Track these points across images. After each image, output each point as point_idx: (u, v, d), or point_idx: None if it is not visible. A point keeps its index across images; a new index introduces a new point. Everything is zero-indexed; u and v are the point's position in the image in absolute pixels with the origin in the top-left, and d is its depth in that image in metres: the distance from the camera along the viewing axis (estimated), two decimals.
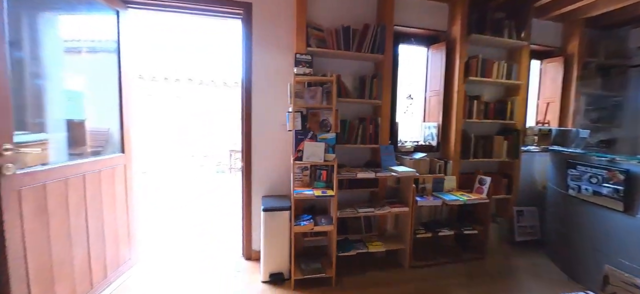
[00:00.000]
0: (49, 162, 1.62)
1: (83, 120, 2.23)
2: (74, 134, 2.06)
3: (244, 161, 2.36)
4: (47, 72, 2.00)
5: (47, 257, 1.50)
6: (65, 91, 2.19)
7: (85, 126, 2.22)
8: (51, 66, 2.04)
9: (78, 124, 2.24)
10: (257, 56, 2.27)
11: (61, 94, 2.13)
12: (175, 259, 2.48)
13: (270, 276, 2.14)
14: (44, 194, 1.46)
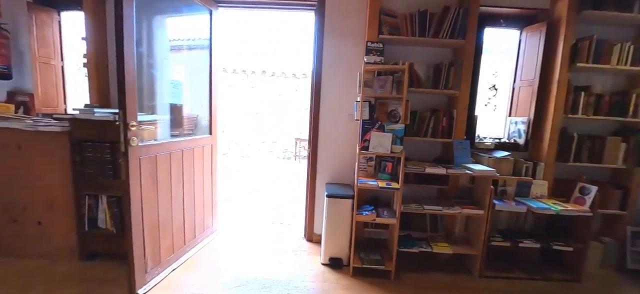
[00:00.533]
0: (157, 138, 1.99)
1: (181, 105, 2.66)
2: (175, 117, 2.46)
3: (311, 148, 2.46)
4: (157, 65, 2.42)
5: (155, 215, 1.86)
6: (171, 80, 2.63)
7: (182, 111, 2.63)
8: (160, 60, 2.46)
9: (178, 108, 2.66)
10: (327, 46, 2.31)
11: (167, 84, 2.57)
12: (246, 231, 2.78)
13: (330, 260, 2.22)
14: (155, 164, 1.80)
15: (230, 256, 2.31)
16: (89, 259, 2.13)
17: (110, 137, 1.89)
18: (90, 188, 2.00)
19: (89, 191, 2.01)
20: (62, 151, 1.93)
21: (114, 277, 1.95)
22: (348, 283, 2.03)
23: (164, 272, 1.99)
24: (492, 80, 2.66)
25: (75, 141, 1.93)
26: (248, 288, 1.92)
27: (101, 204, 2.03)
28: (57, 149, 1.94)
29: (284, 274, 2.09)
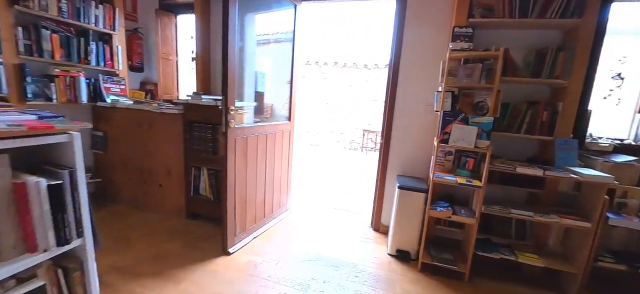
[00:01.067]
0: (245, 122, 2.27)
1: (263, 94, 2.96)
2: (258, 105, 2.76)
3: (384, 138, 2.45)
4: (247, 58, 2.74)
5: (244, 188, 2.15)
6: (256, 72, 2.96)
7: (264, 100, 2.93)
8: (250, 54, 2.78)
9: (260, 97, 2.97)
10: (408, 34, 2.23)
11: (253, 75, 2.89)
12: (315, 213, 2.96)
13: (397, 251, 2.21)
14: (246, 144, 2.08)
15: (301, 233, 2.51)
16: (192, 218, 2.60)
17: (212, 119, 2.25)
18: (195, 161, 2.43)
19: (194, 163, 2.44)
20: (177, 130, 2.39)
21: (210, 235, 2.35)
22: (416, 277, 1.99)
23: (247, 238, 2.29)
24: (617, 67, 2.16)
25: (187, 122, 2.36)
26: (318, 263, 2.07)
27: (202, 175, 2.45)
28: (175, 127, 2.40)
29: (351, 258, 2.18)
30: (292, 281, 1.87)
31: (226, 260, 2.05)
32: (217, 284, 1.80)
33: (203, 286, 1.76)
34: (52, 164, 0.78)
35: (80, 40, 2.48)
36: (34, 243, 0.74)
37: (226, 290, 1.75)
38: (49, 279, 0.80)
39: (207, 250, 2.14)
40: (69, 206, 0.78)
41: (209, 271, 1.92)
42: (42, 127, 0.70)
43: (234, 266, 1.98)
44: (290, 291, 1.78)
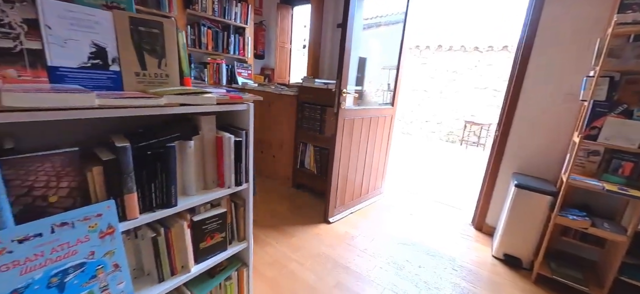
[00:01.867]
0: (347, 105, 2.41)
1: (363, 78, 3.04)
2: (360, 89, 2.86)
3: (500, 129, 2.20)
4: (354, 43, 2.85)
5: (346, 166, 2.33)
6: (359, 56, 3.05)
7: (363, 84, 3.01)
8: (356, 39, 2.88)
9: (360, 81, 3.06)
10: (550, 7, 1.88)
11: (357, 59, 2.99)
12: (408, 201, 2.92)
13: (505, 256, 2.00)
14: (351, 126, 2.23)
15: (394, 217, 2.55)
16: (297, 188, 2.98)
17: (321, 101, 2.49)
18: (303, 138, 2.75)
19: (302, 139, 2.77)
20: (291, 109, 2.75)
21: (311, 204, 2.66)
22: (529, 288, 1.78)
23: (345, 212, 2.49)
24: None
25: (299, 103, 2.68)
26: (412, 248, 2.09)
27: (308, 151, 2.76)
28: (289, 107, 2.77)
29: (448, 251, 2.10)
30: (387, 258, 1.97)
31: (326, 227, 2.30)
32: (320, 245, 2.05)
33: (309, 244, 2.05)
34: (233, 127, 1.08)
35: (224, 34, 3.10)
36: (223, 181, 1.06)
37: (328, 252, 1.98)
38: (228, 208, 1.12)
39: (310, 216, 2.45)
40: (243, 158, 1.07)
41: (312, 233, 2.20)
42: (236, 98, 0.98)
43: (333, 234, 2.21)
44: (386, 266, 1.88)
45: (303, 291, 1.63)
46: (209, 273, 1.23)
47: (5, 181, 0.61)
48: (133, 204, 0.81)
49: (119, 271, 0.78)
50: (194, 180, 0.98)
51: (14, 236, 0.61)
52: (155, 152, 0.82)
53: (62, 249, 0.67)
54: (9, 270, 0.61)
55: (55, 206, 0.69)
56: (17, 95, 0.52)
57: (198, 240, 1.04)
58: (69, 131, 0.82)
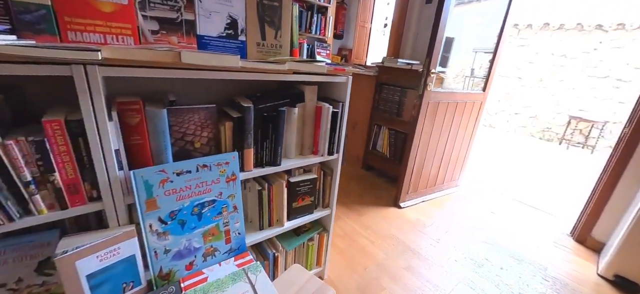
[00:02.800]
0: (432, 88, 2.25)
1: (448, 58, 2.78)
2: (444, 71, 2.63)
3: (630, 128, 1.78)
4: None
5: (424, 152, 2.23)
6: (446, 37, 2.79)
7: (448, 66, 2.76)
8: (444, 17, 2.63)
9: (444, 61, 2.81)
10: None
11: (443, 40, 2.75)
12: (490, 198, 2.64)
13: (616, 277, 1.68)
14: (435, 110, 2.10)
15: (471, 212, 2.35)
16: (367, 169, 2.99)
17: (401, 82, 2.40)
18: (378, 119, 2.71)
19: (377, 121, 2.73)
20: (369, 90, 2.72)
21: (381, 187, 2.64)
22: None
23: (417, 199, 2.41)
24: None
25: (378, 83, 2.63)
26: (493, 247, 1.92)
27: (382, 133, 2.71)
28: (367, 87, 2.74)
29: (538, 258, 1.86)
30: (463, 252, 1.85)
31: (397, 211, 2.27)
32: (389, 227, 2.04)
33: (379, 225, 2.06)
34: (329, 99, 1.14)
35: (308, 13, 3.20)
36: (317, 149, 1.14)
37: (399, 235, 1.97)
38: (317, 175, 1.21)
39: (380, 198, 2.44)
40: (337, 129, 1.12)
41: (382, 215, 2.20)
42: (340, 70, 1.02)
43: (404, 219, 2.17)
44: (462, 260, 1.78)
45: (373, 265, 1.67)
46: (296, 231, 1.36)
47: (169, 126, 0.78)
48: (249, 158, 0.94)
49: (237, 213, 0.93)
50: (293, 145, 1.08)
51: (174, 169, 0.77)
52: (270, 114, 0.93)
53: (202, 186, 0.83)
54: (170, 195, 0.78)
55: (198, 151, 0.86)
56: (192, 54, 0.65)
57: (291, 200, 1.16)
58: (208, 92, 0.98)
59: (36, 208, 0.64)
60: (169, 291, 0.77)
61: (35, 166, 0.62)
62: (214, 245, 0.90)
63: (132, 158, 0.74)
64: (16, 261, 0.69)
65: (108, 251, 0.71)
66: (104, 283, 0.72)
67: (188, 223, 0.83)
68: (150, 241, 0.77)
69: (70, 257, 0.66)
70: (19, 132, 0.61)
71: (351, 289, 1.50)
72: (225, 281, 0.81)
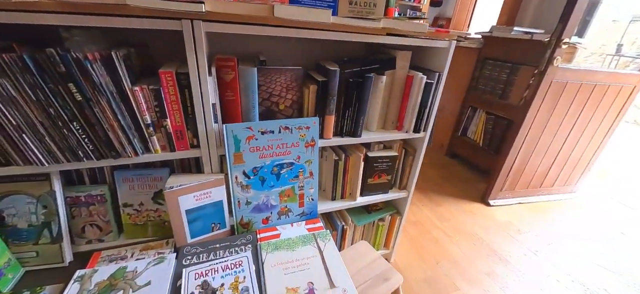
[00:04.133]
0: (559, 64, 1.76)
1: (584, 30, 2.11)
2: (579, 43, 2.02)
3: None
4: None
5: (531, 146, 1.82)
6: None
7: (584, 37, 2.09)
8: None
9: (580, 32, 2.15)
10: None
11: None
12: (619, 214, 2.03)
13: None
14: (559, 92, 1.66)
15: (591, 228, 1.86)
16: (451, 157, 2.66)
17: (513, 57, 1.96)
18: (475, 101, 2.33)
19: (472, 103, 2.35)
20: (467, 66, 2.34)
21: (467, 179, 2.32)
22: None
23: (511, 199, 2.04)
24: None
25: (480, 58, 2.23)
26: (622, 280, 1.48)
27: (477, 118, 2.33)
28: (464, 63, 2.36)
29: None
30: (570, 274, 1.49)
31: (483, 209, 1.97)
32: (472, 225, 1.79)
33: (460, 220, 1.83)
34: (424, 68, 1.00)
35: None
36: (402, 124, 1.03)
37: (482, 235, 1.71)
38: (398, 153, 1.11)
39: (464, 191, 2.16)
40: (428, 103, 0.98)
41: (464, 209, 1.95)
42: (443, 32, 0.88)
43: (492, 219, 1.87)
44: (568, 283, 1.44)
45: (446, 261, 1.51)
46: (367, 208, 1.32)
47: (258, 86, 0.80)
48: (330, 126, 0.90)
49: (312, 179, 0.93)
50: (376, 117, 1.00)
51: (259, 128, 0.80)
52: (355, 81, 0.86)
53: (282, 147, 0.85)
54: (254, 152, 0.82)
55: (282, 113, 0.86)
56: (284, 8, 0.63)
57: (367, 175, 1.10)
58: (296, 55, 0.98)
59: (153, 147, 0.75)
60: (247, 239, 0.84)
61: (153, 112, 0.72)
62: (289, 206, 0.93)
63: (225, 114, 0.80)
64: (139, 189, 0.84)
65: (202, 193, 0.80)
66: (197, 219, 0.82)
67: (267, 181, 0.87)
68: (235, 191, 0.84)
69: (175, 192, 0.76)
70: (143, 82, 0.71)
71: (419, 280, 1.40)
72: (296, 241, 0.83)
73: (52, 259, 0.77)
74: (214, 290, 0.67)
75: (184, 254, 0.77)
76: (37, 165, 0.67)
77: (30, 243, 0.75)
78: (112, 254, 0.80)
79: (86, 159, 0.70)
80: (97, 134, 0.68)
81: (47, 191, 0.73)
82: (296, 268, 0.75)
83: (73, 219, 0.82)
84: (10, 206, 0.73)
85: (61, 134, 0.65)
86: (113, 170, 0.82)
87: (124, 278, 0.69)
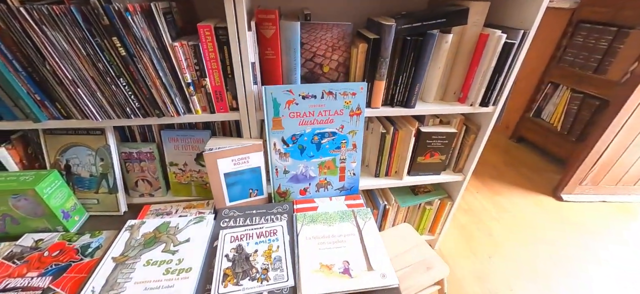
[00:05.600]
0: None
1: None
2: None
3: None
4: None
5: (629, 135, 1.46)
6: None
7: None
8: None
9: None
10: None
11: None
12: None
13: None
14: None
15: None
16: (517, 140, 2.32)
17: (621, 18, 1.55)
18: (557, 76, 1.94)
19: (554, 78, 1.96)
20: (552, 31, 1.93)
21: (536, 167, 2.01)
22: None
23: (593, 196, 1.71)
24: None
25: (572, 22, 1.81)
26: None
27: (558, 96, 1.95)
28: (549, 27, 1.95)
29: None
30: None
31: (553, 202, 1.69)
32: (537, 220, 1.55)
33: (522, 213, 1.60)
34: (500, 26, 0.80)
35: None
36: (466, 96, 0.87)
37: (548, 234, 1.47)
38: (458, 130, 0.96)
39: (530, 180, 1.87)
40: (505, 70, 0.80)
41: (529, 201, 1.69)
42: None
43: (563, 216, 1.59)
44: None
45: (501, 257, 1.33)
46: (413, 190, 1.20)
47: (301, 44, 0.72)
48: (379, 93, 0.79)
49: (355, 152, 0.85)
50: (435, 85, 0.85)
51: (300, 91, 0.73)
52: (414, 39, 0.73)
53: (324, 114, 0.77)
54: (293, 118, 0.76)
55: (326, 76, 0.78)
56: None
57: (418, 152, 0.97)
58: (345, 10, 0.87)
59: (194, 108, 0.74)
60: (283, 208, 0.80)
61: (193, 70, 0.70)
62: (328, 179, 0.87)
63: (264, 75, 0.74)
64: (183, 149, 0.85)
65: (240, 158, 0.78)
66: (235, 184, 0.81)
67: (307, 150, 0.81)
68: (273, 159, 0.80)
69: (214, 154, 0.75)
70: (184, 38, 0.69)
71: (466, 274, 1.26)
72: (333, 216, 0.77)
73: (110, 207, 0.84)
74: (248, 255, 0.65)
75: (222, 216, 0.77)
76: (93, 119, 0.71)
77: (91, 191, 0.82)
78: (159, 209, 0.83)
79: (134, 116, 0.72)
80: (141, 91, 0.68)
81: (103, 145, 0.78)
82: (332, 243, 0.70)
83: (128, 174, 0.87)
84: (75, 157, 0.79)
85: (110, 90, 0.67)
86: (160, 129, 0.83)
87: (167, 232, 0.72)
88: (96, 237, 0.73)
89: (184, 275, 0.60)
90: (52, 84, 0.64)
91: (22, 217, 0.72)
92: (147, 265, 0.63)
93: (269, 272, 0.62)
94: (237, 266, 0.63)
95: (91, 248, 0.70)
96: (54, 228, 0.75)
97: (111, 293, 0.57)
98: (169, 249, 0.67)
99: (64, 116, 0.71)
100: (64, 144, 0.77)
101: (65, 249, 0.69)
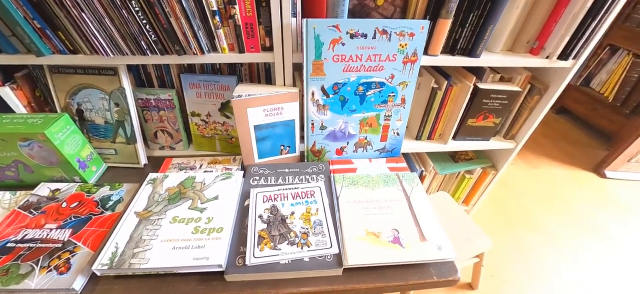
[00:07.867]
0: None
1: None
2: None
3: None
4: None
5: None
6: None
7: None
8: None
9: None
10: None
11: None
12: None
13: None
14: None
15: None
16: (558, 112, 2.13)
17: None
18: (619, 38, 1.70)
19: (614, 40, 1.72)
20: None
21: (579, 141, 1.85)
22: None
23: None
24: None
25: None
26: None
27: (613, 63, 1.73)
28: None
29: None
30: None
31: (596, 181, 1.56)
32: (577, 197, 1.44)
33: (561, 189, 1.48)
34: None
35: None
36: (541, 46, 0.72)
37: (589, 213, 1.36)
38: (521, 89, 0.81)
39: (571, 155, 1.72)
40: (600, 15, 0.64)
41: (568, 176, 1.56)
42: None
43: (606, 195, 1.47)
44: None
45: (537, 235, 1.25)
46: (453, 156, 1.09)
47: None
48: (440, 37, 0.65)
49: (403, 108, 0.73)
50: (507, 30, 0.70)
51: (348, 28, 0.60)
52: None
53: (374, 60, 0.64)
54: (338, 63, 0.64)
55: (379, 11, 0.64)
56: None
57: (469, 114, 0.84)
58: None
59: (220, 45, 0.63)
60: (319, 168, 0.71)
61: None
62: (369, 138, 0.76)
63: (305, 6, 0.61)
64: (206, 97, 0.75)
65: (273, 108, 0.67)
66: (266, 138, 0.71)
67: (349, 103, 0.70)
68: (309, 111, 0.69)
69: (243, 101, 0.64)
70: None
71: (500, 248, 1.19)
72: (376, 180, 0.68)
73: (129, 158, 0.76)
74: (284, 217, 0.57)
75: (251, 173, 0.69)
76: (103, 55, 0.60)
77: (108, 140, 0.74)
78: (182, 163, 0.76)
79: (150, 53, 0.61)
80: (158, 20, 0.56)
81: (117, 88, 0.68)
82: (377, 209, 0.61)
83: (146, 123, 0.79)
84: (87, 100, 0.70)
85: (121, 17, 0.55)
86: (180, 73, 0.73)
87: (193, 187, 0.64)
88: (116, 189, 0.66)
89: (215, 235, 0.53)
90: (51, 5, 0.53)
91: (36, 165, 0.65)
92: (173, 222, 0.55)
93: (309, 237, 0.54)
94: (273, 228, 0.55)
95: (112, 200, 0.63)
96: (71, 178, 0.68)
97: (136, 250, 0.50)
98: (196, 206, 0.59)
99: (70, 51, 0.61)
100: (74, 85, 0.68)
101: (85, 201, 0.62)
